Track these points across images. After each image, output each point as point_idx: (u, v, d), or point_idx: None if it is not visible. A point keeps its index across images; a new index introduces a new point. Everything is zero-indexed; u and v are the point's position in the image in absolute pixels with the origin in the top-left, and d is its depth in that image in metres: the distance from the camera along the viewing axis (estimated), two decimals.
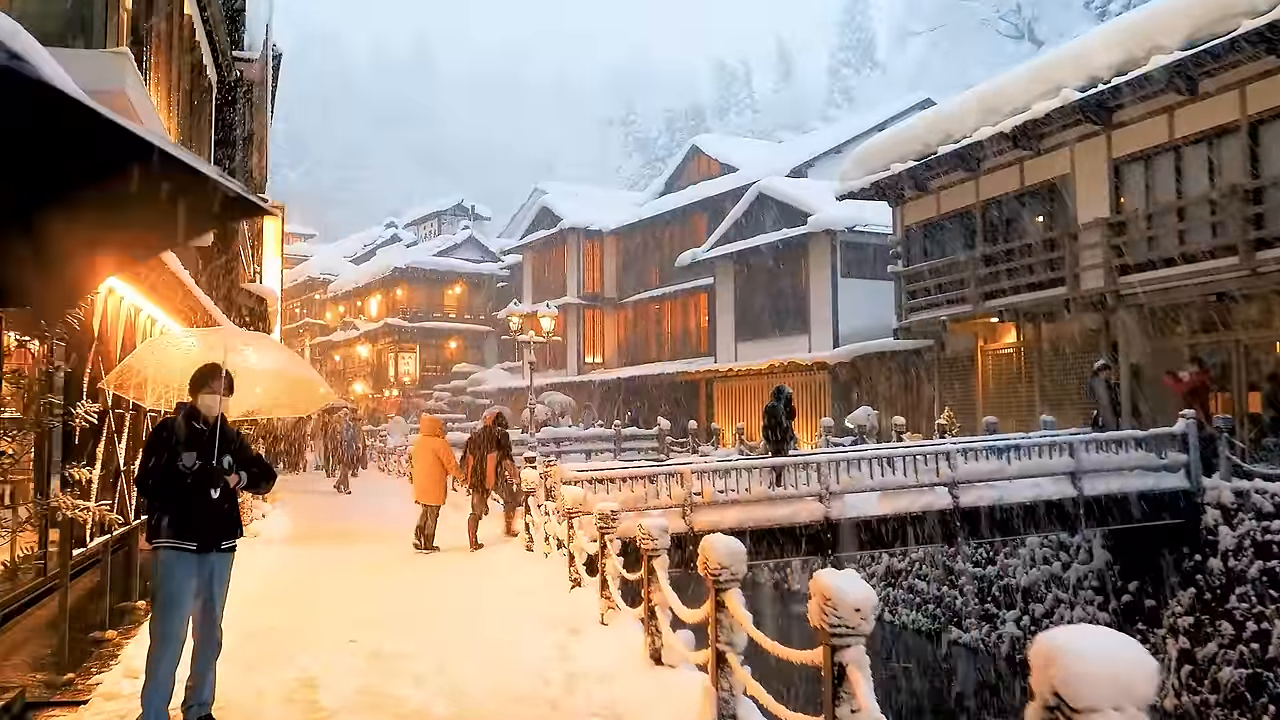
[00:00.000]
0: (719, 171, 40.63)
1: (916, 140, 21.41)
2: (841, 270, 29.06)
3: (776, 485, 12.94)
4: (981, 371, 21.99)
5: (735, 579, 5.10)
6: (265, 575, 10.23)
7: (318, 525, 15.33)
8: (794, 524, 12.83)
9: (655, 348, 41.51)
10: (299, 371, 6.39)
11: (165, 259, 7.07)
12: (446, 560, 11.60)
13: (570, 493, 9.08)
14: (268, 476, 5.73)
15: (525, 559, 11.19)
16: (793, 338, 30.19)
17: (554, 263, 46.73)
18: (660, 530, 6.46)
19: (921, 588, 19.45)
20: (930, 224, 22.82)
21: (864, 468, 13.21)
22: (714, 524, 12.50)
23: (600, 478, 12.43)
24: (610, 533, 7.86)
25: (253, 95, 17.84)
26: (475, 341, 57.36)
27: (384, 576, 10.35)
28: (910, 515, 13.20)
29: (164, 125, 8.90)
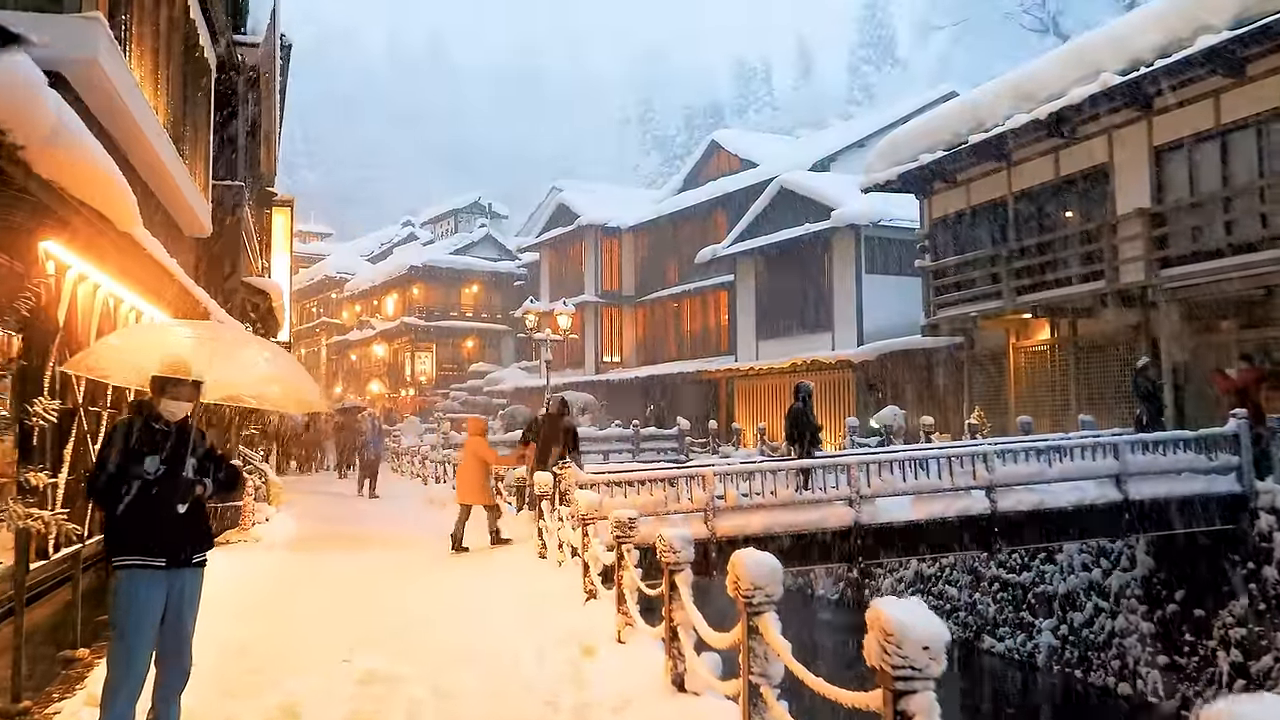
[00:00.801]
0: (739, 167, 39.92)
1: (945, 130, 20.63)
2: (866, 266, 28.30)
3: (804, 489, 12.23)
4: (1013, 369, 21.20)
5: (770, 601, 4.41)
6: (260, 584, 9.62)
7: (325, 529, 14.72)
8: (822, 529, 12.13)
9: (674, 346, 40.83)
10: (293, 370, 5.74)
11: (138, 238, 6.45)
12: (456, 567, 10.97)
13: (585, 497, 8.42)
14: (235, 483, 5.10)
15: (537, 567, 10.54)
16: (816, 335, 29.45)
17: (571, 260, 46.11)
18: (683, 542, 5.79)
19: (952, 594, 18.71)
20: (959, 217, 22.04)
21: (896, 470, 12.49)
22: (738, 529, 11.85)
23: (617, 480, 11.76)
24: (627, 542, 7.19)
25: (259, 84, 17.27)
26: (492, 341, 56.84)
27: (388, 586, 9.72)
28: (945, 520, 12.48)
29: (148, 102, 8.29)
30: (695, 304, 39.88)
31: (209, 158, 12.11)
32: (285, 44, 21.06)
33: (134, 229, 6.13)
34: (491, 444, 28.21)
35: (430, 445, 26.83)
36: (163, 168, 9.24)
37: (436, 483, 22.46)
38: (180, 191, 10.31)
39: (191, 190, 10.96)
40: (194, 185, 11.17)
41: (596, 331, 44.06)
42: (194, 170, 11.37)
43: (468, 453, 13.27)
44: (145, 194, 9.51)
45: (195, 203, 11.30)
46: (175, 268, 8.19)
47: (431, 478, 23.25)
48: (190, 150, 11.05)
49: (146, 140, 8.33)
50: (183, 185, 10.34)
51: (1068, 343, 19.65)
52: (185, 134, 10.63)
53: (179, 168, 9.99)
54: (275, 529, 13.61)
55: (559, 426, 13.02)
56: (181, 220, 11.45)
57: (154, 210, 10.24)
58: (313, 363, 69.24)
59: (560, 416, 13.08)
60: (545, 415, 13.24)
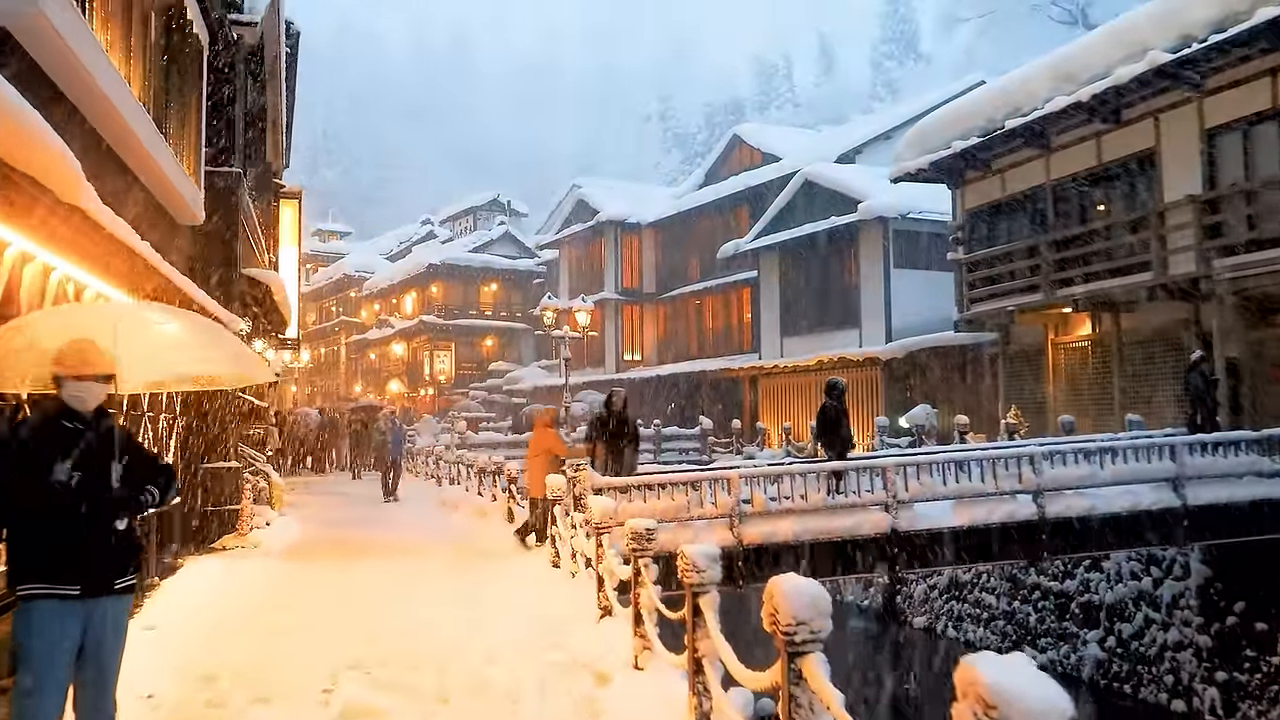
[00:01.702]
0: (761, 161, 39.04)
1: (980, 115, 19.69)
2: (894, 260, 27.37)
3: (836, 493, 11.38)
4: (1052, 366, 20.23)
5: (816, 639, 3.59)
6: (246, 597, 8.86)
7: (328, 534, 13.95)
8: (856, 536, 11.26)
9: (696, 344, 39.98)
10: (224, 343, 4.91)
11: (92, 212, 5.68)
12: (462, 578, 10.16)
13: (599, 504, 7.60)
14: (171, 489, 4.28)
15: (549, 578, 9.73)
16: (842, 332, 28.54)
17: (591, 257, 45.33)
18: (709, 560, 4.96)
19: (989, 602, 17.81)
20: (994, 207, 21.09)
21: (936, 473, 11.61)
22: (766, 537, 11.02)
23: (635, 483, 10.94)
24: (645, 554, 6.37)
25: (263, 68, 16.56)
26: (512, 339, 56.15)
27: (387, 600, 8.93)
28: (989, 527, 11.60)
29: (118, 71, 7.53)
30: (717, 301, 39.03)
31: (200, 141, 11.36)
32: (293, 31, 20.37)
33: (80, 200, 5.35)
34: (502, 443, 27.72)
35: (445, 445, 26.08)
36: (140, 146, 8.48)
37: (451, 484, 21.71)
38: (165, 174, 9.55)
39: (179, 174, 10.21)
40: (181, 169, 10.42)
41: (617, 329, 43.26)
42: (182, 153, 10.62)
43: (536, 445, 12.28)
44: (124, 175, 8.78)
45: (184, 188, 10.55)
46: (147, 250, 7.42)
47: (446, 479, 22.49)
48: (177, 130, 10.30)
49: (117, 112, 7.56)
50: (167, 168, 9.58)
51: (1110, 338, 18.67)
52: (170, 112, 9.88)
53: (161, 148, 9.23)
54: (275, 534, 12.87)
55: (627, 423, 11.99)
56: (171, 207, 10.71)
57: (138, 194, 9.50)
58: (332, 362, 68.81)
59: (624, 413, 12.01)
60: (610, 411, 11.92)
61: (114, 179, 8.49)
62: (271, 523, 13.42)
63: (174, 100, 10.17)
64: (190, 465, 11.61)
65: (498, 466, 16.71)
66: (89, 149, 7.44)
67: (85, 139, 7.78)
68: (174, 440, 10.29)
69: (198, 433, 11.94)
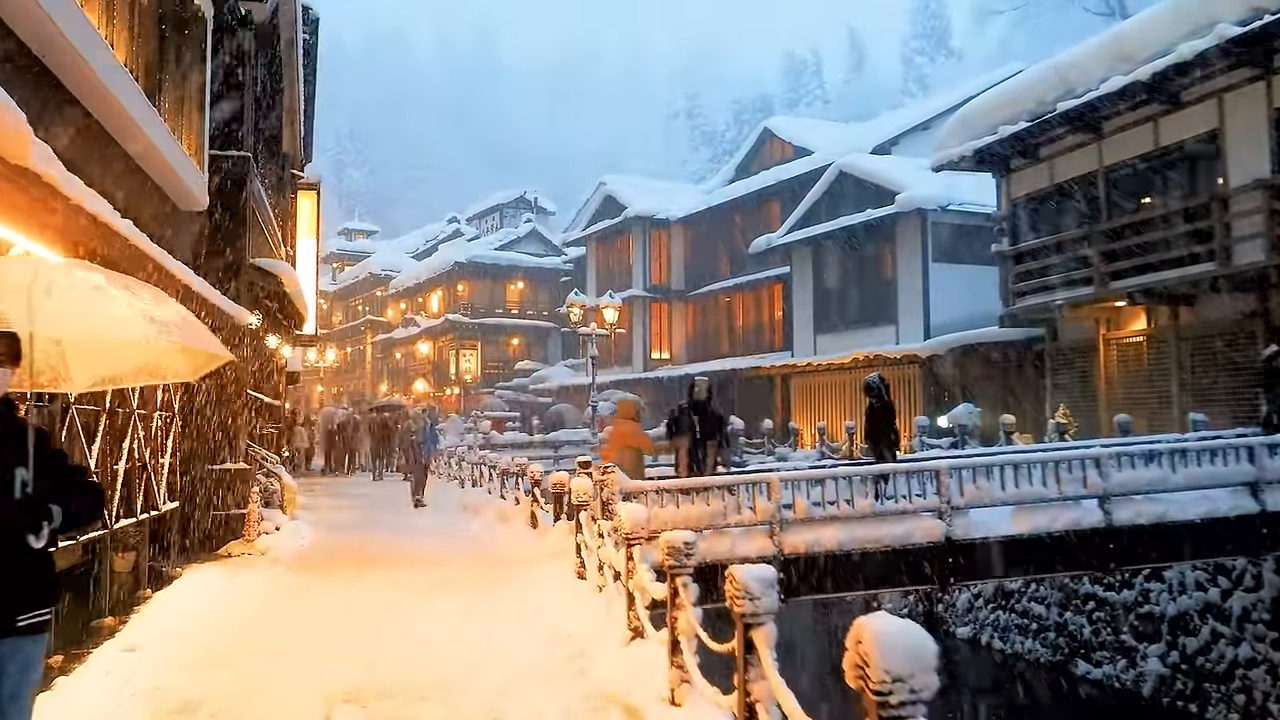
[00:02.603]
0: (792, 155, 38.10)
1: (1028, 98, 18.69)
2: (933, 254, 26.37)
3: (885, 499, 10.50)
4: (1103, 363, 19.21)
5: (918, 699, 2.75)
6: (243, 613, 8.10)
7: (341, 541, 13.21)
8: (908, 545, 10.38)
9: (726, 342, 39.10)
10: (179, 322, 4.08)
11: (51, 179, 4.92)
12: (481, 591, 9.36)
13: (629, 513, 6.77)
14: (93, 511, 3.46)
15: (574, 591, 8.90)
16: (878, 329, 27.56)
17: (619, 254, 44.52)
18: (763, 585, 4.13)
19: (1039, 612, 16.82)
20: (1041, 196, 20.09)
21: (993, 476, 10.71)
22: (809, 546, 10.15)
23: (667, 487, 10.11)
24: (683, 571, 5.54)
25: (278, 53, 15.88)
26: (538, 338, 55.46)
27: (397, 616, 8.14)
28: (1051, 535, 10.68)
29: (98, 32, 6.79)
30: (748, 298, 38.13)
31: (203, 121, 10.65)
32: (311, 18, 19.71)
33: (28, 159, 4.60)
34: (527, 443, 26.98)
35: (468, 446, 25.36)
36: (128, 119, 7.76)
37: (474, 486, 20.95)
38: (160, 154, 8.84)
39: (177, 153, 9.49)
40: (180, 150, 9.70)
41: (645, 327, 42.43)
42: (181, 132, 9.90)
43: (617, 440, 11.16)
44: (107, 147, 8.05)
45: (184, 169, 9.84)
46: (125, 226, 6.68)
47: (469, 481, 21.74)
48: (175, 106, 9.58)
49: (96, 77, 6.83)
50: (162, 144, 8.86)
51: (1168, 332, 17.65)
52: (166, 84, 9.16)
53: (154, 122, 8.51)
54: (284, 540, 12.13)
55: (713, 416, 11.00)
56: (171, 189, 10.00)
57: (129, 173, 8.78)
58: (358, 361, 68.41)
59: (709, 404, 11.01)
60: (693, 403, 10.93)
61: (99, 153, 7.77)
62: (281, 528, 12.68)
63: (171, 73, 9.45)
64: (191, 467, 10.90)
65: (521, 468, 15.91)
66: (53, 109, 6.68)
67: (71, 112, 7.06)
68: (171, 440, 9.57)
69: (201, 432, 11.23)
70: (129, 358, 3.96)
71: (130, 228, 6.76)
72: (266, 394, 16.66)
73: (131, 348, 3.83)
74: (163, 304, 3.96)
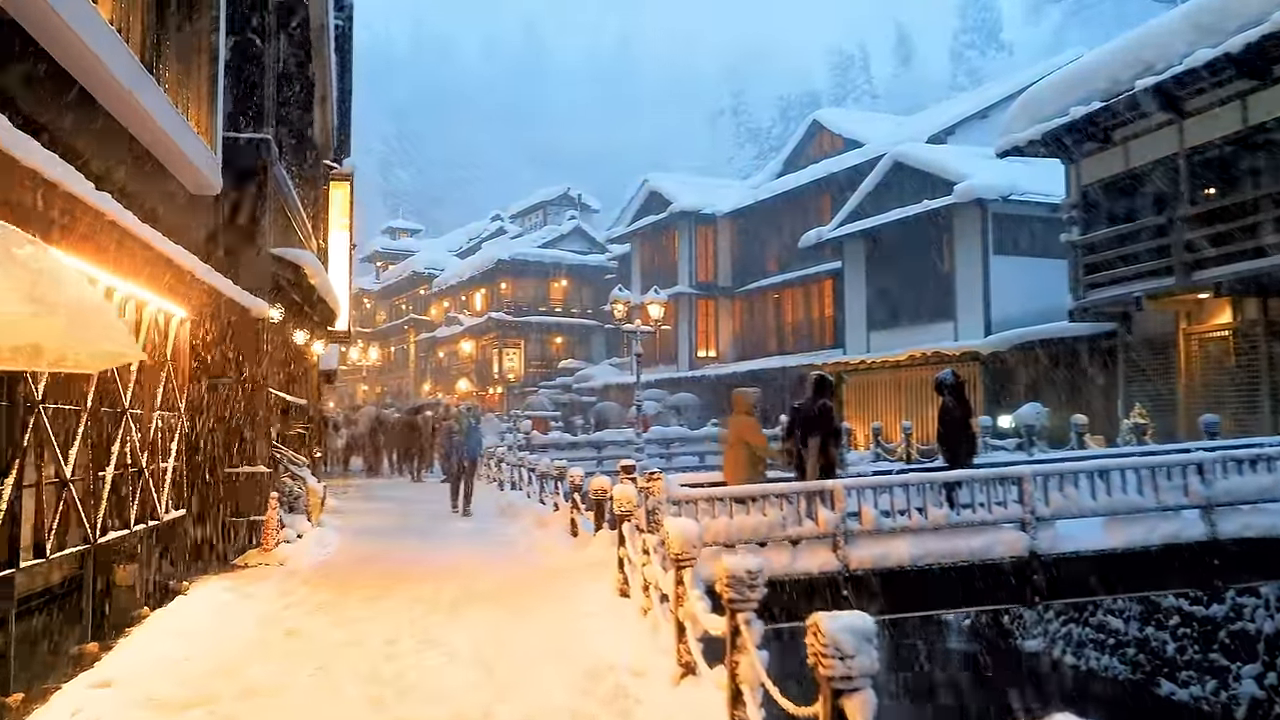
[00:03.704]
0: (842, 148, 36.99)
1: (1102, 76, 17.46)
2: (994, 246, 25.12)
3: (961, 508, 9.45)
4: (1183, 359, 17.93)
5: None
6: (242, 636, 7.23)
7: (368, 549, 12.36)
8: (987, 560, 9.33)
9: (775, 339, 38.01)
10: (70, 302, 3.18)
11: None
12: (512, 610, 8.44)
13: (678, 531, 5.80)
14: None
15: (615, 612, 7.96)
16: (935, 325, 26.35)
17: (664, 250, 43.54)
18: (859, 640, 3.16)
19: (1116, 626, 15.61)
20: (1115, 182, 18.83)
21: (1082, 483, 9.63)
22: (877, 560, 9.14)
23: (718, 495, 9.13)
24: (746, 606, 4.58)
25: (306, 36, 15.11)
26: (582, 337, 54.64)
27: (416, 640, 7.24)
28: (1148, 549, 9.57)
29: None
30: (797, 294, 37.02)
31: (215, 97, 9.84)
32: (345, 2, 18.97)
33: None
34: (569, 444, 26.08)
35: (508, 446, 24.52)
36: (119, 88, 6.93)
37: (513, 489, 20.08)
38: (161, 129, 8.01)
39: (181, 129, 8.67)
40: (187, 127, 8.88)
41: (690, 325, 41.43)
42: (187, 107, 9.09)
43: (734, 436, 10.15)
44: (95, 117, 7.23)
45: (191, 148, 9.02)
46: (105, 202, 5.84)
47: (507, 483, 20.87)
48: (179, 77, 8.77)
49: (76, 37, 5.99)
50: (163, 118, 8.03)
51: (1256, 326, 16.35)
52: (167, 52, 8.34)
53: (151, 91, 7.68)
54: (306, 549, 11.29)
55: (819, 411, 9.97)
56: (178, 172, 9.19)
57: (134, 156, 7.98)
58: (401, 360, 68.06)
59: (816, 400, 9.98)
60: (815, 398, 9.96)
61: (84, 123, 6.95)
62: (305, 535, 11.85)
63: (173, 39, 8.63)
64: (205, 470, 10.10)
65: (560, 471, 14.99)
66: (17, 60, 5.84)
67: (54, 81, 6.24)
68: (176, 442, 8.75)
69: (215, 433, 10.43)
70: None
71: (106, 200, 5.92)
72: (296, 393, 15.90)
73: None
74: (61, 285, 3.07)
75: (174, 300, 8.47)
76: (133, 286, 7.22)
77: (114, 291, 6.93)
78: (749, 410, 9.78)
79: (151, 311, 7.94)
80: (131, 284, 7.16)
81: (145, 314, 7.80)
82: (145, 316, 7.79)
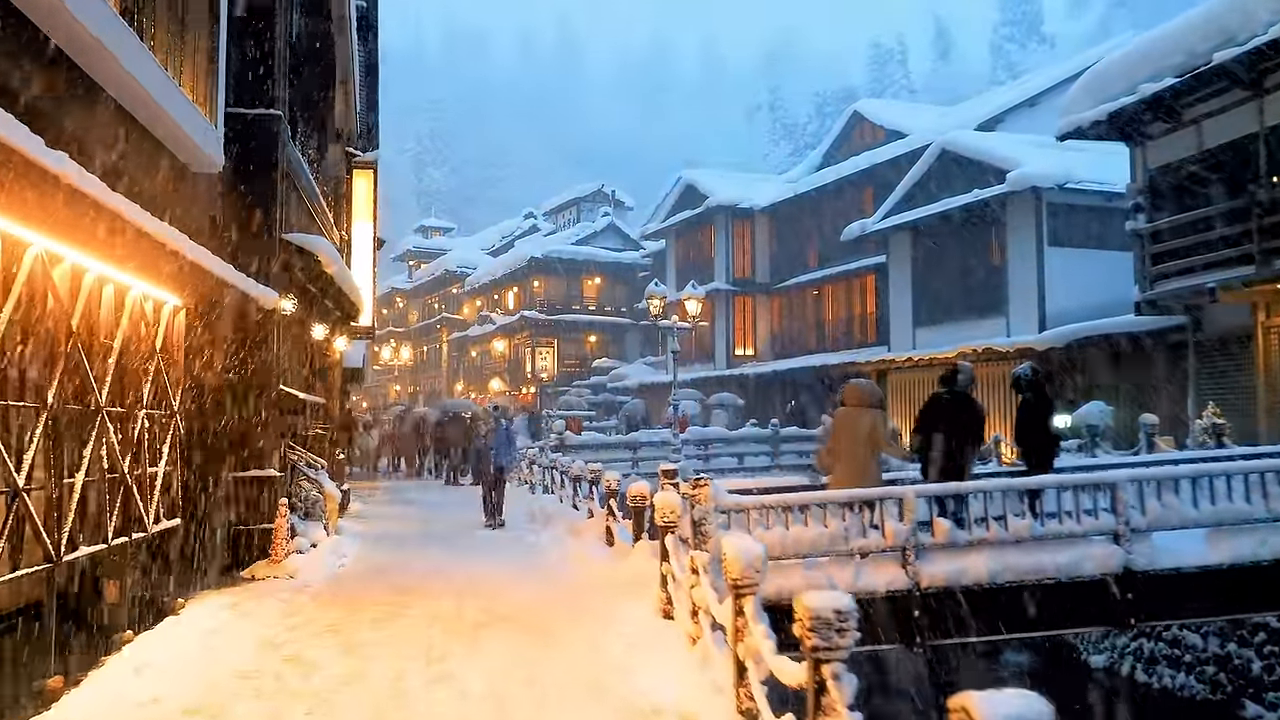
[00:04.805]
0: (883, 140, 35.75)
1: (1176, 50, 16.23)
2: (1048, 237, 23.90)
3: (1048, 518, 8.38)
4: (1262, 355, 16.66)
5: None
6: (228, 667, 6.31)
7: (388, 560, 11.47)
8: (1075, 578, 8.25)
9: (814, 337, 36.88)
10: None
11: None
12: (540, 634, 7.49)
13: (739, 552, 4.80)
14: None
15: (660, 638, 6.98)
16: (986, 320, 25.14)
17: (700, 246, 42.48)
18: None
19: (1193, 642, 14.40)
20: (1186, 165, 17.58)
21: (1183, 491, 8.53)
22: (952, 577, 8.09)
23: (771, 503, 8.11)
24: (835, 655, 3.58)
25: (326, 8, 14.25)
26: (616, 335, 53.68)
27: (424, 674, 6.29)
28: (1259, 564, 8.44)
29: None
30: (838, 290, 35.86)
31: (216, 65, 8.96)
32: None
33: None
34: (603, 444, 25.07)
35: (539, 447, 23.61)
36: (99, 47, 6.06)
37: (545, 492, 19.17)
38: (149, 97, 7.14)
39: (174, 97, 7.80)
40: (179, 92, 8.00)
41: (727, 322, 40.35)
42: (183, 72, 8.21)
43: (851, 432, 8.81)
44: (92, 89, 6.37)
45: (187, 118, 8.14)
46: (59, 163, 4.93)
47: (539, 486, 19.95)
48: (172, 40, 7.88)
49: None
50: (154, 89, 7.16)
51: None
52: (158, 13, 7.45)
53: (136, 53, 6.81)
54: (319, 560, 10.40)
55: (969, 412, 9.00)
56: (174, 146, 8.32)
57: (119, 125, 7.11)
58: (434, 360, 67.45)
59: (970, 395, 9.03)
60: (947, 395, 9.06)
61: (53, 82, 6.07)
62: (319, 544, 10.96)
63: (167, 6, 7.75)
64: (204, 474, 9.22)
65: (595, 475, 14.03)
66: None
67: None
68: (169, 445, 7.87)
69: (217, 434, 9.56)
70: None
71: (61, 159, 5.02)
72: (316, 391, 15.05)
73: None
74: None
75: (164, 286, 7.60)
76: (106, 267, 6.34)
77: (85, 272, 6.05)
78: (871, 403, 8.71)
79: (136, 297, 7.06)
80: (104, 264, 6.27)
81: (129, 300, 6.93)
82: (128, 303, 6.92)
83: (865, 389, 8.85)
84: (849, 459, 8.58)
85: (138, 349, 7.15)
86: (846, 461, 8.56)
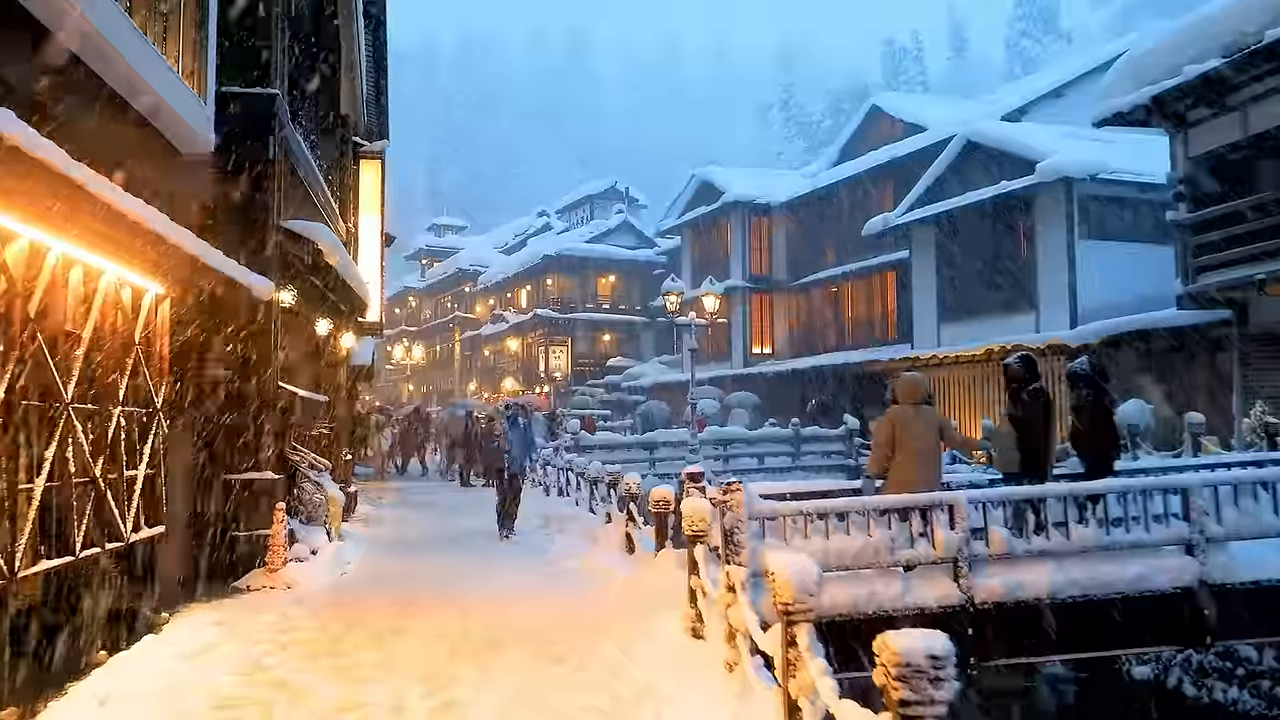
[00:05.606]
0: (902, 134, 34.92)
1: (1223, 30, 15.41)
2: (1080, 230, 23.07)
3: (1113, 526, 7.63)
4: None
5: None
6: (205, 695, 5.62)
7: (390, 568, 10.78)
8: (1145, 592, 7.50)
9: (834, 334, 36.11)
10: None
11: None
12: (558, 658, 6.78)
13: (790, 573, 4.07)
14: None
15: (690, 662, 6.25)
16: (1015, 316, 24.32)
17: (715, 243, 41.73)
18: None
19: (1246, 654, 13.60)
20: (1230, 152, 16.75)
21: (1263, 496, 7.77)
22: (1009, 592, 7.34)
23: (810, 510, 7.38)
24: (928, 712, 2.87)
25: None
26: (630, 334, 52.97)
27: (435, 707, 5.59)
28: None
29: None
30: (858, 287, 35.08)
31: (205, 38, 8.28)
32: None
33: None
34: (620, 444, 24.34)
35: (554, 448, 22.92)
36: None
37: (560, 494, 18.48)
38: (131, 69, 6.48)
39: (164, 77, 7.13)
40: (165, 63, 7.33)
41: (744, 320, 39.60)
42: (168, 46, 7.54)
43: (921, 426, 8.13)
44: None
45: (177, 99, 7.48)
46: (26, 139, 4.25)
47: (554, 488, 19.26)
48: (153, 10, 7.21)
49: None
50: (136, 61, 6.50)
51: None
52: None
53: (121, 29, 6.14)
54: (319, 568, 9.72)
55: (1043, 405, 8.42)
56: (161, 123, 7.65)
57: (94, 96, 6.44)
58: (446, 359, 66.88)
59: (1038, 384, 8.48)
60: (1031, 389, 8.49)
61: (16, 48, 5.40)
62: (320, 551, 10.28)
63: None
64: (193, 477, 8.54)
65: (613, 478, 13.30)
66: None
67: None
68: (151, 445, 7.19)
69: (208, 434, 8.88)
70: None
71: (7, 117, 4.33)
72: (321, 389, 14.38)
73: None
74: None
75: (144, 272, 6.91)
76: (72, 247, 5.66)
77: (46, 251, 5.37)
78: (919, 400, 7.98)
79: (110, 283, 6.39)
80: (69, 244, 5.59)
81: (101, 286, 6.25)
82: (101, 289, 6.24)
83: (922, 383, 8.13)
84: (926, 458, 7.86)
85: (113, 340, 6.47)
86: (923, 461, 7.81)
